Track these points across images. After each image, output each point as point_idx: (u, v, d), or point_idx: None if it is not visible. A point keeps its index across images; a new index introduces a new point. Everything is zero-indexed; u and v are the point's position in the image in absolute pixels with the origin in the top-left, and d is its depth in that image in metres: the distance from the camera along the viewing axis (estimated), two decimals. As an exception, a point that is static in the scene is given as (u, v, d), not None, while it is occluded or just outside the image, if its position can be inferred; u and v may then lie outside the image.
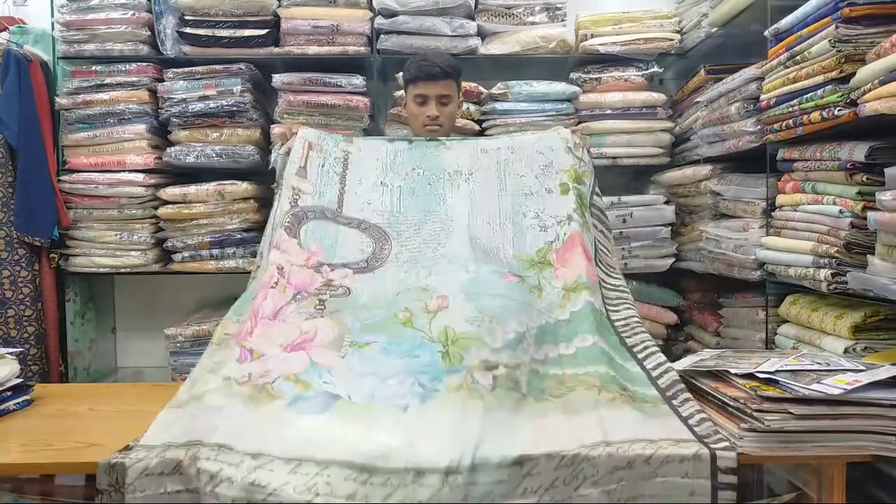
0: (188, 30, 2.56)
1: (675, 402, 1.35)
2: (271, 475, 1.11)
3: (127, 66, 2.58)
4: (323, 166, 1.86)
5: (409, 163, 1.91)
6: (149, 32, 2.58)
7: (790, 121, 1.82)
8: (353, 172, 1.87)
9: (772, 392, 1.22)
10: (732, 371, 1.35)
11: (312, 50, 2.56)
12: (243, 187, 2.56)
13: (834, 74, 1.63)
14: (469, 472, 1.10)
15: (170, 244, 2.60)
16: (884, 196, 1.45)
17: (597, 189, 1.95)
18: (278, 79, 2.56)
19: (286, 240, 1.67)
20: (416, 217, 1.80)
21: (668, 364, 1.47)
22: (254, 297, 1.56)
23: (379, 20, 2.58)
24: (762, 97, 1.99)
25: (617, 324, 1.60)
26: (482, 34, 2.65)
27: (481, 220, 1.80)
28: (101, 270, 2.61)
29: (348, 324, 1.49)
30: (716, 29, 2.45)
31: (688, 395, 1.37)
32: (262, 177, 2.63)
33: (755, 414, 1.20)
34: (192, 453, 1.16)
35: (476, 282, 1.57)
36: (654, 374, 1.44)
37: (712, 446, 1.18)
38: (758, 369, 1.32)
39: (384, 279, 1.65)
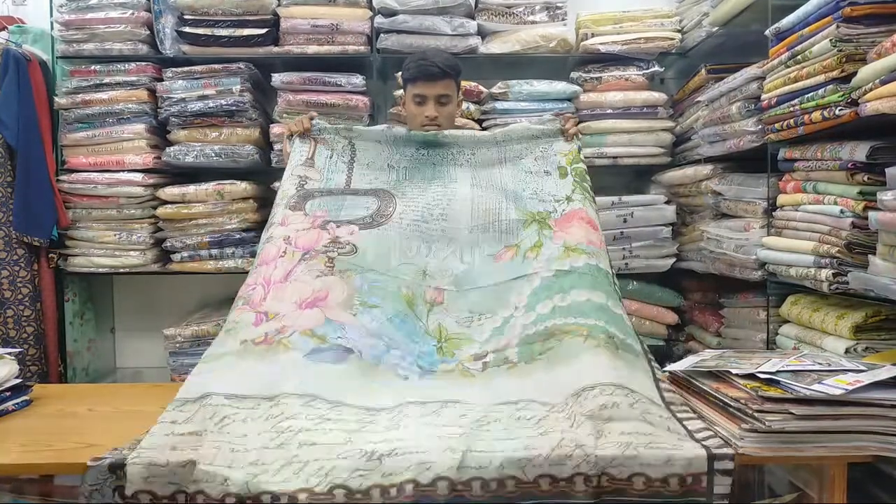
0: (187, 29, 2.56)
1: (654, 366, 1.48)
2: (285, 408, 1.24)
3: (126, 65, 2.58)
4: (331, 157, 1.91)
5: (413, 145, 1.95)
6: (148, 32, 2.58)
7: (791, 120, 1.81)
8: (360, 159, 1.92)
9: (773, 392, 1.22)
10: (733, 371, 1.35)
11: (312, 49, 2.56)
12: (242, 187, 2.56)
13: (835, 74, 1.62)
14: (467, 405, 1.28)
15: (169, 244, 2.60)
16: (885, 196, 1.44)
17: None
18: (278, 78, 2.55)
19: (291, 214, 1.73)
20: (422, 184, 1.88)
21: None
22: (262, 264, 1.63)
23: (379, 19, 2.57)
24: (763, 97, 1.99)
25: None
26: (482, 33, 2.65)
27: (484, 185, 1.87)
28: (100, 270, 2.61)
29: (357, 284, 1.61)
30: (717, 28, 2.44)
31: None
32: (262, 176, 2.64)
33: (756, 414, 1.20)
34: (205, 401, 1.25)
35: (469, 275, 1.71)
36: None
37: (678, 415, 1.30)
38: (759, 370, 1.32)
39: (388, 238, 1.73)
